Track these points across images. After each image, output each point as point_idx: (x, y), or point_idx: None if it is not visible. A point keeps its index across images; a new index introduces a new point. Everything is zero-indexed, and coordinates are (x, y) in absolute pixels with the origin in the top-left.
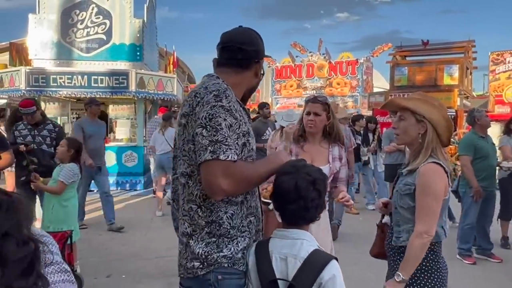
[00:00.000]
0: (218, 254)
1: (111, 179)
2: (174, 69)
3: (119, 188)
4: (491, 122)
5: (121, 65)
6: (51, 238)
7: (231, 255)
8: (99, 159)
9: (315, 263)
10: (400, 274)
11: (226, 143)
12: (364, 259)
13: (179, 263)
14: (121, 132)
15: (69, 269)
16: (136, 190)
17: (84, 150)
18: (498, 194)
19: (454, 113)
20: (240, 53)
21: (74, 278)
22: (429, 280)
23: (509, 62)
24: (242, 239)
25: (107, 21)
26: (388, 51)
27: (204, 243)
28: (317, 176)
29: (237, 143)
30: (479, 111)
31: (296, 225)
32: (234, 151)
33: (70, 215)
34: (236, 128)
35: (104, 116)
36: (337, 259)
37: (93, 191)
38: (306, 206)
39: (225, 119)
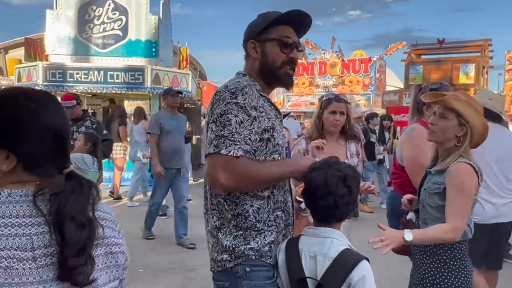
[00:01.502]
0: (245, 247)
1: (125, 174)
2: (187, 66)
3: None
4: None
5: (136, 61)
6: (108, 211)
7: (258, 248)
8: (179, 161)
9: (345, 262)
10: (413, 236)
11: (232, 138)
12: (380, 258)
13: (210, 257)
14: None
15: (119, 241)
16: (151, 185)
17: (154, 152)
18: None
19: None
20: (243, 42)
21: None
22: (456, 279)
23: None
24: (269, 233)
25: (124, 17)
26: (402, 49)
27: (232, 236)
28: (348, 172)
29: (249, 138)
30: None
31: (326, 222)
32: (240, 147)
33: None
34: (248, 125)
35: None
36: (368, 260)
37: (107, 185)
38: (335, 202)
39: (236, 115)
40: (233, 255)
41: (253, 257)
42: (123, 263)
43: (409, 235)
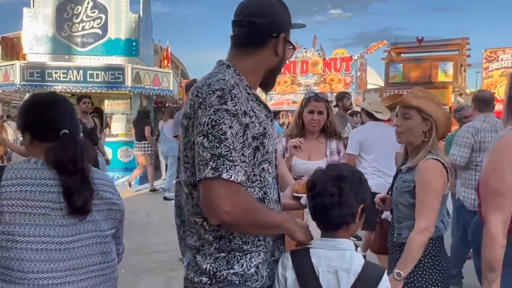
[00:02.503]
0: (228, 272)
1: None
2: (168, 64)
3: (114, 183)
4: None
5: (117, 60)
6: (108, 179)
7: (242, 272)
8: None
9: (370, 277)
10: (400, 271)
11: (231, 158)
12: (371, 258)
13: (185, 276)
14: (117, 128)
15: (117, 201)
16: (132, 185)
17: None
18: None
19: (448, 110)
20: (251, 29)
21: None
22: (431, 276)
23: (502, 60)
24: (257, 254)
25: (103, 16)
26: (383, 48)
27: (212, 258)
28: (343, 173)
29: (242, 153)
30: (461, 110)
31: (330, 230)
32: (239, 169)
33: None
34: (241, 136)
35: (99, 111)
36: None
37: None
38: (323, 203)
39: (230, 127)
40: (214, 280)
41: (237, 282)
42: (119, 217)
43: (399, 274)
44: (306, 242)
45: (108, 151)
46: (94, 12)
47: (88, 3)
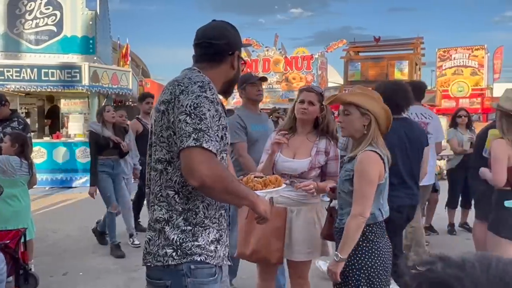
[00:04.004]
0: (192, 243)
1: (64, 176)
2: (127, 63)
3: (72, 184)
4: (438, 116)
5: (73, 58)
6: None
7: (203, 246)
8: None
9: None
10: (339, 254)
11: (209, 133)
12: None
13: (146, 252)
14: (74, 128)
15: None
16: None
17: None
18: (445, 183)
19: None
20: (212, 48)
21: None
22: (370, 259)
23: (454, 59)
24: (213, 229)
25: (58, 12)
26: (342, 47)
27: (179, 230)
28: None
29: (217, 135)
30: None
31: None
32: (215, 143)
33: (19, 213)
34: (217, 120)
35: (56, 111)
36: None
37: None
38: None
39: (209, 110)
40: (179, 251)
41: (199, 259)
42: None
43: (337, 255)
44: (266, 217)
45: (66, 152)
46: (48, 8)
47: None
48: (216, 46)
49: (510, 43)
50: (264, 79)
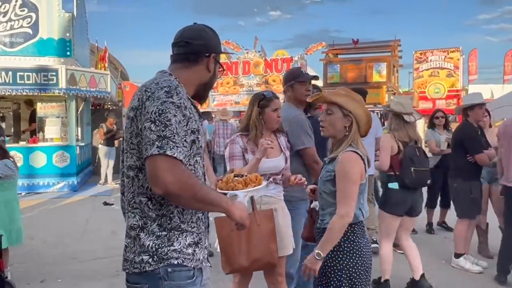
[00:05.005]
0: (168, 248)
1: (41, 181)
2: (105, 65)
3: (50, 189)
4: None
5: (49, 60)
6: None
7: (180, 249)
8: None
9: None
10: (320, 252)
11: (174, 140)
12: None
13: (124, 258)
14: (51, 131)
15: None
16: (69, 191)
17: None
18: None
19: (382, 109)
20: (188, 48)
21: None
22: (351, 260)
23: (431, 61)
24: (191, 233)
25: (33, 14)
26: (321, 49)
27: (154, 236)
28: None
29: (185, 140)
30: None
31: None
32: (181, 150)
33: None
34: (184, 125)
35: (32, 115)
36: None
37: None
38: None
39: (175, 115)
40: (155, 257)
41: (176, 262)
42: None
43: (319, 254)
44: (243, 223)
45: (42, 157)
46: (24, 10)
47: (16, 1)
48: (192, 46)
49: (484, 45)
50: (315, 78)
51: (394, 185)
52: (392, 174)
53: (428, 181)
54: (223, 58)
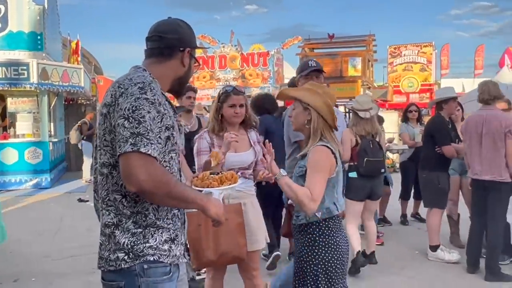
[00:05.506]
0: (144, 245)
1: (13, 178)
2: (78, 59)
3: (22, 186)
4: (389, 111)
5: (19, 54)
6: None
7: (156, 246)
8: None
9: None
10: (283, 177)
11: (148, 136)
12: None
13: (99, 256)
14: (23, 127)
15: None
16: (42, 188)
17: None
18: (398, 176)
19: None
20: (161, 42)
21: None
22: (327, 254)
23: (405, 55)
24: (167, 230)
25: (2, 7)
26: (298, 43)
27: (130, 233)
28: None
29: (159, 136)
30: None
31: None
32: (155, 147)
33: None
34: (158, 122)
35: (2, 110)
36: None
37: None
38: None
39: (149, 112)
40: (131, 254)
41: (152, 258)
42: None
43: (283, 173)
44: (219, 219)
45: (14, 153)
46: None
47: None
48: (166, 40)
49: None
50: (318, 71)
51: (353, 174)
52: (352, 164)
53: (382, 170)
54: (199, 53)
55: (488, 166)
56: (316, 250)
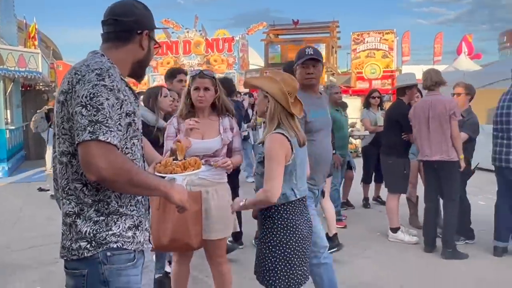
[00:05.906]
0: (107, 233)
1: None
2: (35, 43)
3: None
4: (353, 97)
5: None
6: None
7: (119, 233)
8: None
9: None
10: (245, 203)
11: (107, 124)
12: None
13: (61, 245)
14: None
15: None
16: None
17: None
18: (359, 160)
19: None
20: (117, 26)
21: None
22: (285, 236)
23: (367, 42)
24: (130, 217)
25: None
26: (262, 29)
27: (92, 222)
28: None
29: (119, 123)
30: (331, 87)
31: None
32: (115, 134)
33: None
34: (118, 109)
35: None
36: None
37: None
38: None
39: (107, 99)
40: (93, 242)
41: (115, 246)
42: None
43: (241, 201)
44: (183, 205)
45: None
46: None
47: None
48: (122, 24)
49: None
50: (314, 59)
51: None
52: None
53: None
54: (162, 38)
55: (437, 148)
56: (274, 233)
